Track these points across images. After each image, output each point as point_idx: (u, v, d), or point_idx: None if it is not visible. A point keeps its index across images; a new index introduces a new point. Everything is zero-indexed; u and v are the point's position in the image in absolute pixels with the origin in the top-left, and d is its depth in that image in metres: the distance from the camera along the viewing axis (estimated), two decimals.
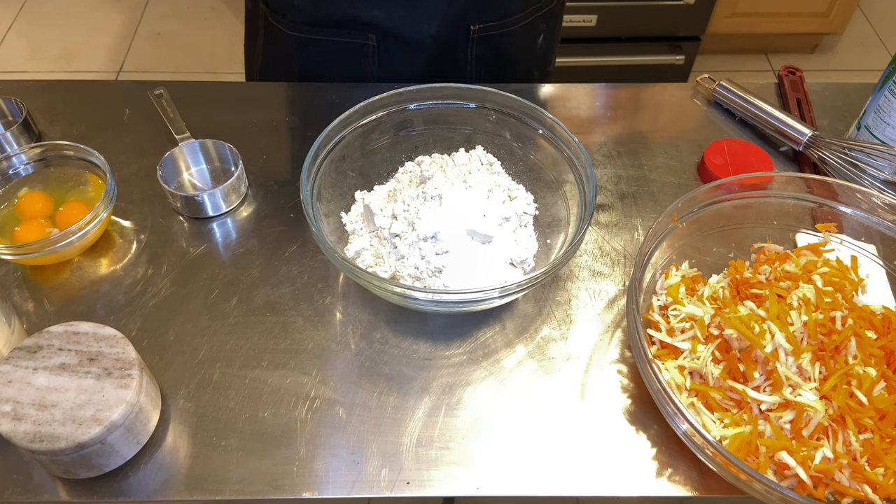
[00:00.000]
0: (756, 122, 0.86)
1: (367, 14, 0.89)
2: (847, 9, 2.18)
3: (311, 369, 0.65)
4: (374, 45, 0.92)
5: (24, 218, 0.72)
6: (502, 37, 0.94)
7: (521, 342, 0.68)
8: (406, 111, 0.76)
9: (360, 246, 0.70)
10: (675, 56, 2.08)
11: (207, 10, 2.53)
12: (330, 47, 0.94)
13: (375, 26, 0.90)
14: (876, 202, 0.69)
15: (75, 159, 0.74)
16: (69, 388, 0.55)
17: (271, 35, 0.98)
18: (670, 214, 0.67)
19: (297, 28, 0.93)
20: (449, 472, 0.60)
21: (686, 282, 0.67)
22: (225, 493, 0.58)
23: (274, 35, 0.97)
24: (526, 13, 0.94)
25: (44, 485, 0.58)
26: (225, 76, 2.33)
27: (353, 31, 0.91)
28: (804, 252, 0.68)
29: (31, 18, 2.46)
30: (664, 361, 0.62)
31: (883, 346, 0.60)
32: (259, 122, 0.86)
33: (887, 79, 0.78)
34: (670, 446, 0.61)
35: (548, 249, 0.72)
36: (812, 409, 0.56)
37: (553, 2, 0.97)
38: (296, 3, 0.91)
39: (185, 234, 0.75)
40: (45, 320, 0.68)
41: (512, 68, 0.99)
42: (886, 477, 0.55)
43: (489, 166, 0.76)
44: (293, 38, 0.94)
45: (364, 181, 0.76)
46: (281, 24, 0.94)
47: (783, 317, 0.61)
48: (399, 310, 0.70)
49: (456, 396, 0.64)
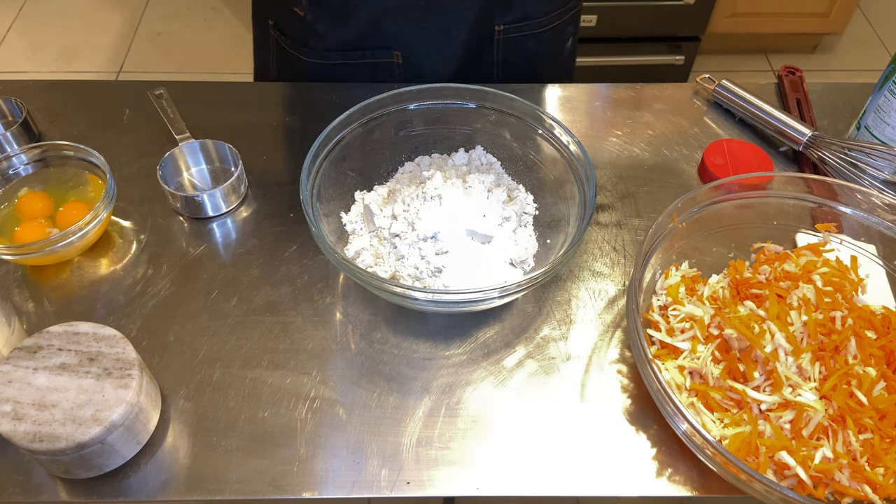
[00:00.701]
0: (756, 122, 0.86)
1: (393, 29, 0.87)
2: (847, 9, 2.18)
3: (311, 369, 0.65)
4: (399, 62, 0.91)
5: (24, 218, 0.72)
6: (528, 39, 0.93)
7: (521, 342, 0.68)
8: (406, 111, 0.76)
9: (360, 246, 0.70)
10: (675, 56, 2.08)
11: (207, 10, 2.53)
12: (354, 70, 0.92)
13: (400, 42, 0.89)
14: (876, 202, 0.69)
15: (75, 159, 0.74)
16: (69, 388, 0.55)
17: (287, 62, 0.96)
18: (670, 214, 0.67)
19: (319, 55, 0.91)
20: (449, 472, 0.60)
21: (686, 282, 0.67)
22: (225, 493, 0.58)
23: (291, 64, 0.95)
24: (551, 17, 0.92)
25: (44, 485, 0.58)
26: (225, 76, 2.33)
27: (376, 51, 0.90)
28: (804, 252, 0.68)
29: (31, 18, 2.46)
30: (664, 361, 0.62)
31: (883, 346, 0.60)
32: (259, 122, 0.86)
33: (887, 79, 0.78)
34: (670, 446, 0.61)
35: (548, 249, 0.72)
36: (812, 409, 0.56)
37: (579, 4, 0.95)
38: (319, 30, 0.89)
39: (185, 234, 0.75)
40: (45, 320, 0.68)
41: (540, 72, 0.97)
42: (886, 477, 0.55)
43: (489, 166, 0.76)
44: (313, 66, 0.93)
45: (364, 181, 0.76)
46: (300, 53, 0.92)
47: (783, 317, 0.61)
48: (399, 310, 0.70)
49: (456, 396, 0.64)
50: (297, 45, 0.93)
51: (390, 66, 0.91)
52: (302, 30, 0.91)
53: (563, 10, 0.93)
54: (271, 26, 0.95)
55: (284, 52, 0.95)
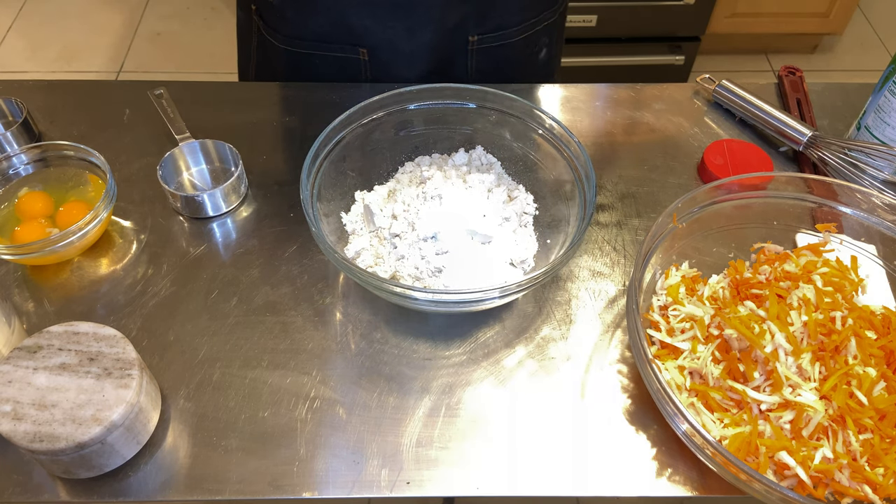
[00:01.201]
0: (756, 122, 0.86)
1: (359, 24, 0.88)
2: (847, 9, 2.18)
3: (311, 369, 0.65)
4: (365, 59, 0.91)
5: (24, 218, 0.72)
6: (502, 49, 0.93)
7: (521, 342, 0.68)
8: (406, 111, 0.76)
9: (360, 246, 0.70)
10: (675, 56, 2.08)
11: (207, 10, 2.53)
12: (322, 62, 0.93)
13: (367, 39, 0.89)
14: (876, 202, 0.69)
15: (75, 159, 0.74)
16: (69, 388, 0.55)
17: (264, 48, 0.97)
18: (670, 214, 0.67)
19: (290, 42, 0.92)
20: (449, 472, 0.60)
21: (686, 282, 0.67)
22: (225, 493, 0.58)
23: (267, 49, 0.96)
24: (525, 26, 0.93)
25: (44, 485, 0.58)
26: (225, 76, 2.33)
27: (344, 46, 0.90)
28: (804, 252, 0.68)
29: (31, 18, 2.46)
30: (664, 361, 0.62)
31: (883, 346, 0.60)
32: (259, 122, 0.86)
33: (887, 79, 0.78)
34: (670, 446, 0.61)
35: (548, 249, 0.72)
36: (812, 409, 0.56)
37: (555, 15, 0.96)
38: (288, 16, 0.90)
39: (185, 234, 0.75)
40: (45, 320, 0.68)
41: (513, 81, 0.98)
42: (886, 477, 0.55)
43: (489, 166, 0.76)
44: (285, 52, 0.94)
45: (364, 181, 0.76)
46: (274, 39, 0.94)
47: (783, 317, 0.61)
48: (399, 310, 0.70)
49: (456, 396, 0.64)
50: (272, 30, 0.94)
51: (357, 62, 0.92)
52: (274, 15, 0.92)
53: (535, 21, 0.94)
54: (254, 11, 0.96)
55: (263, 37, 0.96)
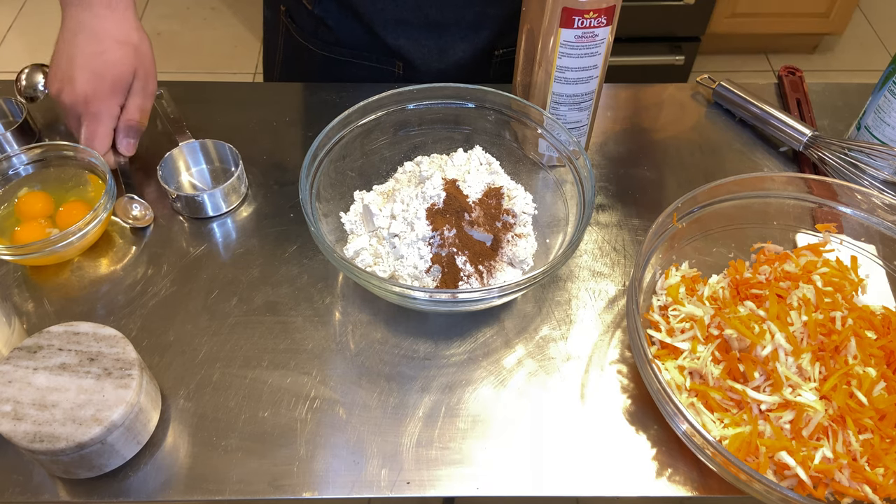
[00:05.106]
0: (756, 122, 0.86)
1: (394, 43, 0.90)
2: (847, 9, 2.18)
3: (311, 369, 0.65)
4: (400, 72, 0.93)
5: (24, 218, 0.72)
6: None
7: (521, 342, 0.68)
8: (405, 111, 0.76)
9: (360, 246, 0.70)
10: (675, 56, 2.08)
11: (207, 10, 2.54)
12: (358, 70, 0.94)
13: (402, 55, 0.91)
14: (876, 202, 0.69)
15: (75, 159, 0.74)
16: (69, 388, 0.55)
17: (295, 50, 0.98)
18: (670, 214, 0.67)
19: (328, 48, 0.94)
20: (449, 472, 0.60)
21: (686, 282, 0.67)
22: (225, 493, 0.58)
23: (299, 52, 0.97)
24: None
25: (44, 485, 0.58)
26: (225, 76, 2.33)
27: (381, 58, 0.93)
28: (804, 252, 0.68)
29: (31, 18, 2.46)
30: (664, 361, 0.62)
31: (883, 346, 0.60)
32: (259, 122, 0.86)
33: (887, 79, 0.78)
34: (670, 446, 0.61)
35: (547, 249, 0.72)
36: (812, 409, 0.56)
37: None
38: (329, 24, 0.91)
39: (185, 234, 0.75)
40: (45, 320, 0.68)
41: None
42: (886, 477, 0.55)
43: (488, 166, 0.76)
44: (322, 58, 0.95)
45: (363, 181, 0.76)
46: (310, 44, 0.95)
47: (783, 317, 0.61)
48: (399, 310, 0.70)
49: (456, 396, 0.64)
50: (306, 34, 0.95)
51: (392, 74, 0.94)
52: (311, 21, 0.93)
53: None
54: (283, 12, 0.97)
55: (294, 38, 0.97)
